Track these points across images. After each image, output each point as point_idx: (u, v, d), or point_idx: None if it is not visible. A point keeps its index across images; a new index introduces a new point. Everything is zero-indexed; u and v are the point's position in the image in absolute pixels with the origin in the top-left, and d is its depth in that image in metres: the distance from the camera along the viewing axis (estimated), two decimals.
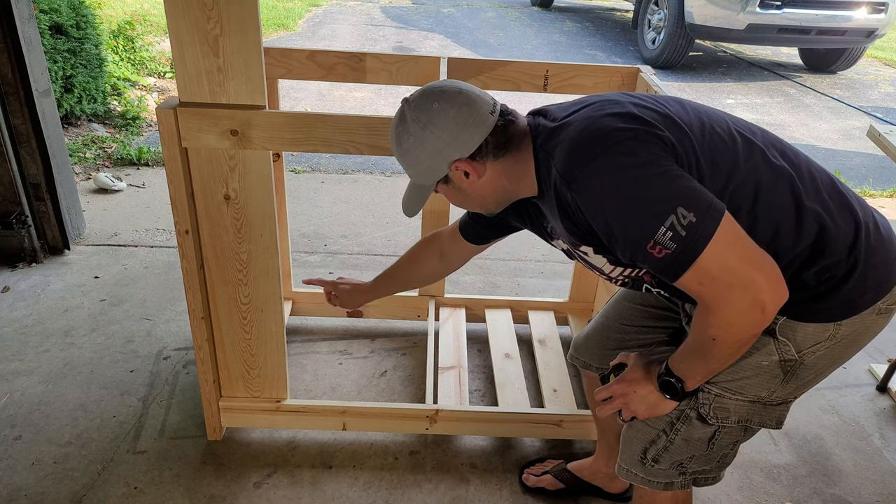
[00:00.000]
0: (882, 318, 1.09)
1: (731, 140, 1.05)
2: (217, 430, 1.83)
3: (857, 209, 1.07)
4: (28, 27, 2.44)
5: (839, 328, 1.06)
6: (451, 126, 1.09)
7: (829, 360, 1.10)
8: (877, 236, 1.06)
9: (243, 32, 1.34)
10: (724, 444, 1.19)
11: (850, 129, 5.22)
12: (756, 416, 1.15)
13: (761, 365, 1.09)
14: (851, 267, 1.03)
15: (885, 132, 2.18)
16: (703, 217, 0.92)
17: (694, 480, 1.24)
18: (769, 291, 0.94)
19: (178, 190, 1.47)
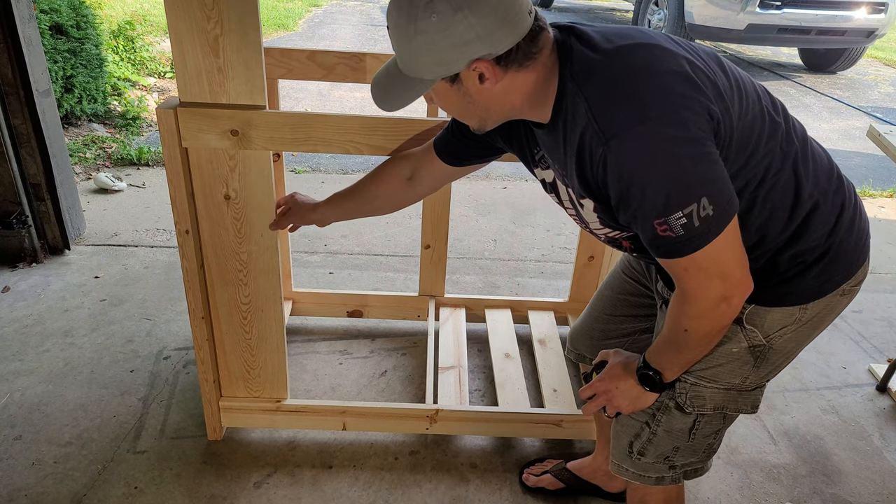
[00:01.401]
0: (846, 299, 1.09)
1: (760, 120, 1.00)
2: (217, 430, 1.84)
3: (845, 191, 1.06)
4: (28, 27, 2.44)
5: (805, 311, 1.06)
6: (490, 16, 0.90)
7: (797, 342, 1.11)
8: (852, 220, 1.06)
9: (243, 32, 1.34)
10: (705, 433, 1.18)
11: (849, 129, 5.22)
12: (732, 403, 1.15)
13: (732, 352, 1.10)
14: (825, 251, 1.03)
15: (884, 132, 2.18)
16: (720, 213, 0.90)
17: (684, 474, 1.24)
18: (738, 286, 0.95)
19: (178, 190, 1.47)
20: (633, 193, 0.90)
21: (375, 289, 2.65)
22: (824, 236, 1.03)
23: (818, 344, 2.46)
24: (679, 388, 1.14)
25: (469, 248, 3.02)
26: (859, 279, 1.08)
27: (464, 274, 2.80)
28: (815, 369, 2.33)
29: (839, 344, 2.48)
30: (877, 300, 2.80)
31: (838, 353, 2.43)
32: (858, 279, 1.08)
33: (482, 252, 2.99)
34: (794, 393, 2.20)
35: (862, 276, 1.09)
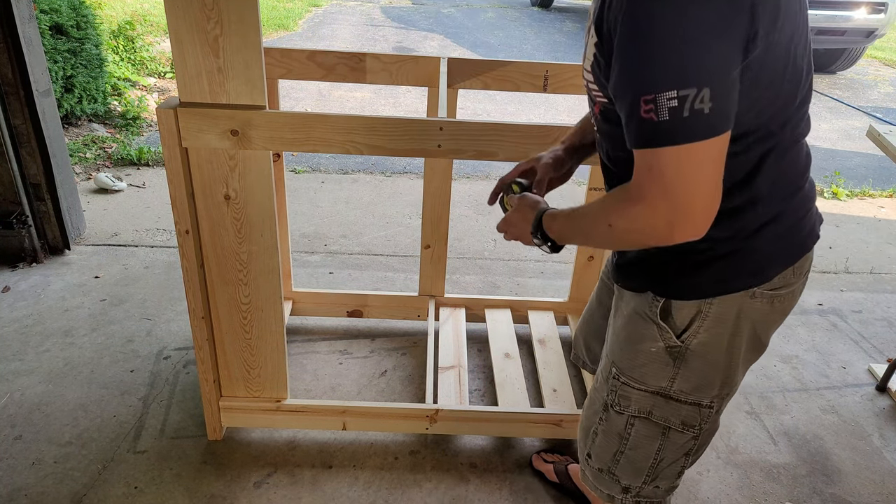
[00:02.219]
0: (759, 303, 1.02)
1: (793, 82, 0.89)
2: (217, 430, 1.84)
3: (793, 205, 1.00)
4: (28, 27, 2.45)
5: (710, 306, 1.01)
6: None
7: (716, 346, 1.04)
8: (782, 234, 1.00)
9: (243, 32, 1.34)
10: (641, 445, 1.14)
11: (849, 129, 5.22)
12: (658, 410, 1.10)
13: (651, 352, 1.07)
14: (736, 249, 0.99)
15: (884, 132, 2.18)
16: (714, 118, 0.78)
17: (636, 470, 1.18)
18: (689, 220, 0.83)
19: (179, 190, 1.47)
20: (632, 46, 0.80)
21: (375, 289, 2.65)
22: (742, 234, 0.98)
23: (818, 344, 2.47)
24: (611, 386, 1.14)
25: (469, 248, 3.02)
26: (776, 286, 1.02)
27: (464, 274, 2.80)
28: (814, 369, 2.33)
29: (839, 344, 2.48)
30: (877, 300, 2.80)
31: (838, 353, 2.43)
32: (775, 286, 1.02)
33: (482, 252, 2.99)
34: (793, 393, 2.21)
35: (781, 284, 1.03)
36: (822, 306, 2.73)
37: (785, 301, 1.06)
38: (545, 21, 8.83)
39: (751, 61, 0.82)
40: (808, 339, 2.50)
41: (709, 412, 1.10)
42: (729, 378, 1.09)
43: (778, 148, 0.94)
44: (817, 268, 3.05)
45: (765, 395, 2.18)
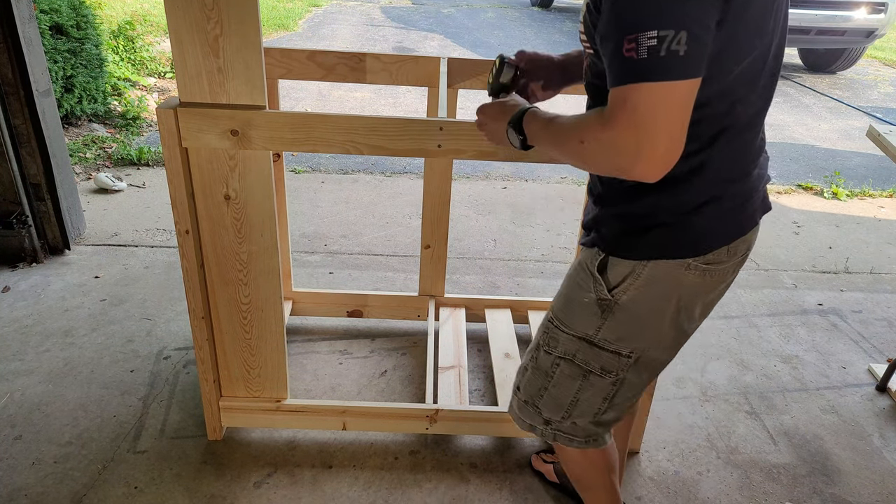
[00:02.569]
0: (692, 275, 1.08)
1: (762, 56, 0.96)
2: (217, 430, 1.84)
3: (736, 188, 1.05)
4: (28, 27, 2.45)
5: (644, 268, 1.08)
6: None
7: (642, 305, 1.11)
8: (723, 214, 1.06)
9: (243, 32, 1.35)
10: (564, 384, 1.23)
11: (849, 130, 5.22)
12: (581, 354, 1.19)
13: (584, 302, 1.16)
14: (675, 221, 1.05)
15: (884, 132, 2.19)
16: (687, 61, 0.84)
17: (555, 435, 1.30)
18: (651, 163, 0.88)
19: (179, 190, 1.47)
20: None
21: (375, 289, 2.65)
22: (685, 208, 1.04)
23: (818, 344, 2.47)
24: (545, 328, 1.24)
25: (469, 248, 3.02)
26: (710, 261, 1.08)
27: (464, 274, 2.80)
28: (814, 369, 2.33)
29: (839, 344, 2.49)
30: (877, 300, 2.80)
31: (838, 353, 2.43)
32: (709, 261, 1.08)
33: (482, 252, 2.99)
34: (793, 393, 2.21)
35: (715, 260, 1.08)
36: (822, 306, 2.73)
37: (716, 276, 1.11)
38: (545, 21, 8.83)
39: (727, 16, 0.88)
40: (808, 339, 2.50)
41: (627, 361, 1.18)
42: (652, 337, 1.16)
43: (732, 129, 0.99)
44: (817, 268, 3.05)
45: (765, 395, 2.18)
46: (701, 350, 2.39)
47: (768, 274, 2.97)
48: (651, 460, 1.88)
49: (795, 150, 4.71)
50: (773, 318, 2.63)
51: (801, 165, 4.41)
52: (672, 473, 1.84)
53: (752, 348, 2.43)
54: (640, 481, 1.81)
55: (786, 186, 4.01)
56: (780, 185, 4.04)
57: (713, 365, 2.32)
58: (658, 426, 2.00)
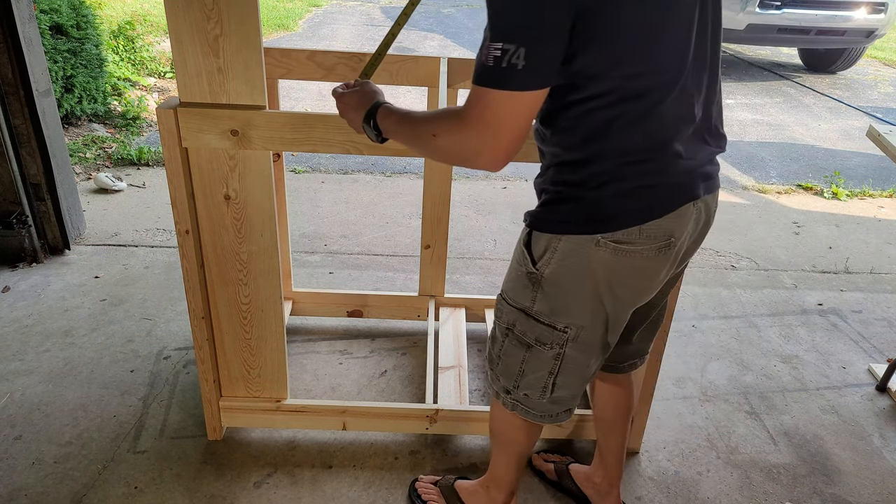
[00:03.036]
0: (605, 253, 1.13)
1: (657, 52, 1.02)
2: (217, 430, 1.84)
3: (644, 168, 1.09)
4: (28, 27, 2.45)
5: (559, 242, 1.15)
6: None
7: (564, 279, 1.17)
8: (629, 192, 1.10)
9: (243, 32, 1.34)
10: (512, 353, 1.30)
11: (849, 129, 5.22)
12: (519, 325, 1.26)
13: (520, 274, 1.23)
14: (582, 196, 1.11)
15: (884, 132, 2.19)
16: (525, 73, 0.94)
17: (514, 405, 1.36)
18: (493, 158, 1.01)
19: (179, 190, 1.47)
20: (488, 4, 0.96)
21: (375, 289, 2.65)
22: (590, 184, 1.10)
23: (818, 344, 2.47)
24: (497, 301, 1.31)
25: (469, 248, 3.02)
26: (620, 240, 1.12)
27: (464, 274, 2.80)
28: (814, 369, 2.33)
29: (839, 344, 2.49)
30: (877, 300, 2.80)
31: (838, 353, 2.43)
32: (619, 240, 1.12)
33: (482, 252, 2.99)
34: (793, 393, 2.21)
35: (626, 240, 1.12)
36: (822, 306, 2.73)
37: (631, 258, 1.15)
38: None
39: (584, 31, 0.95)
40: (809, 339, 2.50)
41: (562, 336, 1.23)
42: (579, 312, 1.21)
43: (627, 115, 1.04)
44: (817, 268, 3.05)
45: (765, 395, 2.18)
46: (701, 350, 2.39)
47: (768, 274, 2.97)
48: (651, 460, 1.88)
49: (795, 150, 4.71)
50: (773, 318, 2.63)
51: (801, 165, 4.41)
52: (672, 473, 1.84)
53: (752, 348, 2.43)
54: (640, 481, 1.81)
55: (786, 186, 4.02)
56: (780, 185, 4.04)
57: (713, 365, 2.32)
58: (658, 426, 2.00)
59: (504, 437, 1.49)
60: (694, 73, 1.09)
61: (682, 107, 1.09)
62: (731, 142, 4.70)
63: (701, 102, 1.13)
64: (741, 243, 3.24)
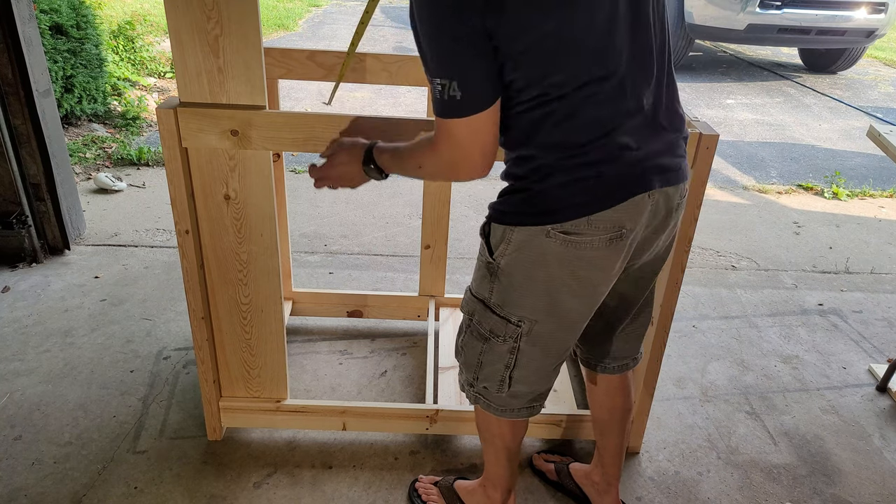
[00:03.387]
0: (556, 245, 1.16)
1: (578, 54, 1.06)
2: (217, 430, 1.84)
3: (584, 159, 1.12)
4: (28, 27, 2.44)
5: (512, 233, 1.19)
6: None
7: (518, 270, 1.21)
8: (572, 182, 1.13)
9: (243, 32, 1.34)
10: (472, 345, 1.34)
11: (849, 129, 5.22)
12: (478, 315, 1.30)
13: (481, 264, 1.28)
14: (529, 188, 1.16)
15: (884, 132, 2.18)
16: (464, 102, 1.05)
17: (476, 398, 1.40)
18: (469, 164, 1.11)
19: (178, 190, 1.47)
20: (418, 44, 1.07)
21: (375, 289, 2.65)
22: (533, 177, 1.15)
23: (818, 344, 2.47)
24: (465, 292, 1.34)
25: (469, 248, 3.02)
26: (568, 231, 1.15)
27: (464, 274, 2.80)
28: (815, 369, 2.33)
29: (839, 344, 2.48)
30: (877, 300, 2.80)
31: (838, 353, 2.43)
32: (567, 230, 1.15)
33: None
34: (794, 393, 2.21)
35: (574, 230, 1.15)
36: (822, 306, 2.73)
37: (581, 249, 1.17)
38: None
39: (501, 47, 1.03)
40: (809, 340, 2.50)
41: (516, 330, 1.26)
42: (531, 304, 1.24)
43: (556, 113, 1.09)
44: (818, 268, 3.05)
45: (765, 396, 2.18)
46: (701, 350, 2.39)
47: (769, 274, 2.97)
48: (651, 460, 1.88)
49: (796, 150, 4.71)
50: (773, 319, 2.62)
51: (801, 165, 4.41)
52: (672, 474, 1.84)
53: (753, 348, 2.43)
54: (641, 482, 1.81)
55: (786, 186, 4.01)
56: (780, 185, 4.04)
57: (713, 365, 2.32)
58: (658, 426, 2.00)
59: (488, 432, 1.50)
60: (636, 65, 1.11)
61: (624, 99, 1.11)
62: (731, 142, 4.72)
63: (651, 91, 1.14)
64: (741, 243, 3.24)
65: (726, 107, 5.56)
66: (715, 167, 4.14)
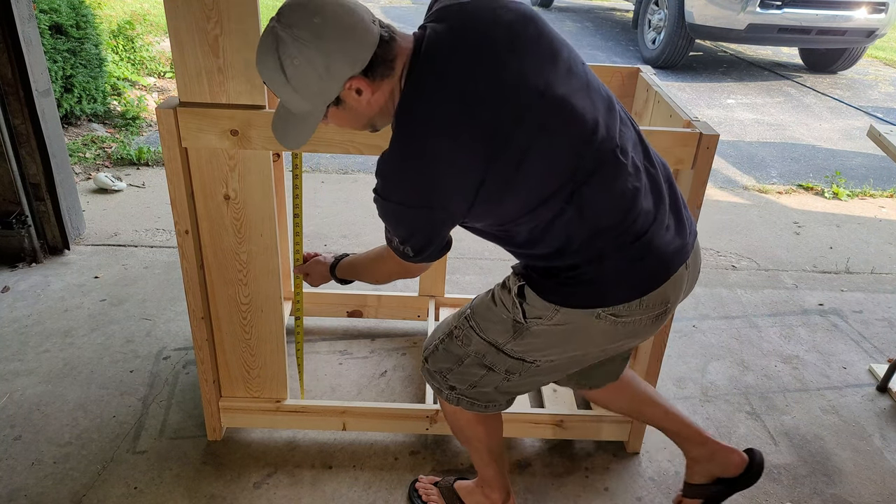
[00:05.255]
0: (605, 324, 1.21)
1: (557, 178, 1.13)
2: (217, 430, 1.83)
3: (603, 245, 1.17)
4: (28, 27, 2.44)
5: (557, 312, 1.21)
6: (335, 38, 1.04)
7: (552, 338, 1.26)
8: (611, 270, 1.18)
9: (243, 32, 1.34)
10: (472, 369, 1.37)
11: (850, 129, 5.22)
12: (490, 356, 1.34)
13: (503, 318, 1.29)
14: (576, 277, 1.19)
15: (885, 132, 2.18)
16: (416, 257, 1.21)
17: (458, 400, 1.42)
18: (411, 273, 1.36)
19: (178, 190, 1.47)
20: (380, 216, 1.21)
21: (375, 289, 2.64)
22: (576, 269, 1.19)
23: (819, 344, 2.47)
24: (462, 322, 1.38)
25: (469, 248, 3.01)
26: (620, 314, 1.20)
27: (464, 274, 2.80)
28: (815, 369, 2.33)
29: (839, 344, 2.48)
30: (877, 300, 2.80)
31: (838, 353, 2.42)
32: (619, 313, 1.20)
33: (482, 252, 2.98)
34: (794, 393, 2.20)
35: (626, 313, 1.20)
36: (822, 306, 2.73)
37: (629, 326, 1.23)
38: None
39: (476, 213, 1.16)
40: (809, 340, 2.50)
41: (530, 366, 1.32)
42: (561, 356, 1.31)
43: (565, 213, 1.14)
44: (818, 268, 3.05)
45: (765, 396, 2.18)
46: (701, 350, 2.39)
47: (769, 274, 2.97)
48: (651, 461, 1.88)
49: (796, 149, 4.70)
50: (773, 319, 2.62)
51: (801, 165, 4.41)
52: (673, 474, 1.84)
53: (753, 348, 2.43)
54: (641, 482, 1.81)
55: (786, 186, 4.01)
56: (780, 184, 4.04)
57: (714, 365, 2.32)
58: None
59: (462, 433, 1.53)
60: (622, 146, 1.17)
61: (626, 175, 1.16)
62: (731, 142, 4.71)
63: (641, 164, 1.20)
64: (742, 243, 3.24)
65: (726, 107, 5.56)
66: (715, 167, 4.14)
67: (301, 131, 1.18)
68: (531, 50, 1.10)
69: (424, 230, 1.18)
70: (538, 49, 1.11)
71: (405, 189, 1.12)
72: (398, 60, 1.10)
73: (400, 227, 1.19)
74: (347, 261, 1.56)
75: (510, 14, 1.12)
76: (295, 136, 1.19)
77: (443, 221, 1.17)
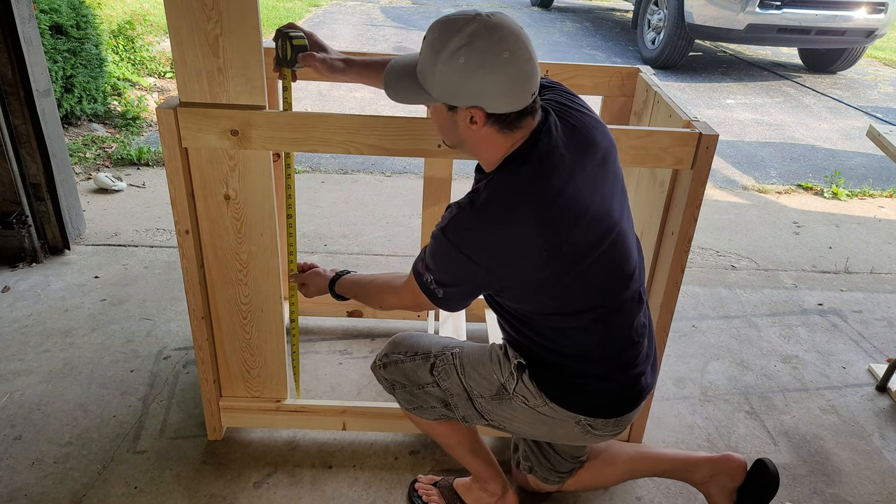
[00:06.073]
0: (579, 429, 1.33)
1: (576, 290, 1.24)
2: (217, 430, 1.84)
3: (608, 364, 1.30)
4: (28, 27, 2.44)
5: (546, 405, 1.31)
6: (503, 83, 1.11)
7: (525, 417, 1.35)
8: (606, 390, 1.31)
9: (243, 32, 1.34)
10: (427, 398, 1.44)
11: (849, 129, 5.22)
12: (457, 399, 1.40)
13: (492, 376, 1.35)
14: (571, 385, 1.30)
15: (884, 132, 2.18)
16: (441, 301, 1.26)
17: (408, 400, 1.48)
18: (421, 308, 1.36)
19: (178, 190, 1.47)
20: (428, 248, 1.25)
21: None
22: (584, 377, 1.30)
23: (818, 344, 2.47)
24: (447, 356, 1.41)
25: None
26: (597, 426, 1.33)
27: None
28: (815, 369, 2.33)
29: (839, 344, 2.48)
30: (877, 300, 2.80)
31: (838, 353, 2.43)
32: (596, 426, 1.33)
33: None
34: (794, 393, 2.21)
35: (601, 426, 1.33)
36: (822, 306, 2.73)
37: (593, 436, 1.36)
38: (545, 21, 8.82)
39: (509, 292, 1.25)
40: (809, 339, 2.50)
41: (486, 422, 1.42)
42: (518, 427, 1.40)
43: (590, 330, 1.26)
44: (817, 268, 3.05)
45: (765, 396, 2.18)
46: (701, 350, 2.39)
47: (768, 274, 2.97)
48: None
49: (796, 149, 4.71)
50: (773, 318, 2.63)
51: (801, 165, 4.41)
52: None
53: (752, 348, 2.43)
54: (641, 482, 1.81)
55: (786, 186, 4.01)
56: (780, 184, 4.04)
57: (713, 365, 2.32)
58: (658, 426, 2.00)
59: (430, 434, 1.56)
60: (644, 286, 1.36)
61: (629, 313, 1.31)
62: (731, 142, 4.72)
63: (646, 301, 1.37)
64: (741, 243, 3.24)
65: (726, 107, 5.56)
66: (715, 167, 4.14)
67: (409, 94, 1.22)
68: (613, 181, 1.25)
69: (467, 285, 1.23)
70: (616, 182, 1.25)
71: (473, 242, 1.17)
72: (520, 132, 1.18)
73: (445, 271, 1.21)
74: (349, 279, 1.54)
75: (606, 140, 1.26)
76: (401, 91, 1.24)
77: (487, 285, 1.24)
